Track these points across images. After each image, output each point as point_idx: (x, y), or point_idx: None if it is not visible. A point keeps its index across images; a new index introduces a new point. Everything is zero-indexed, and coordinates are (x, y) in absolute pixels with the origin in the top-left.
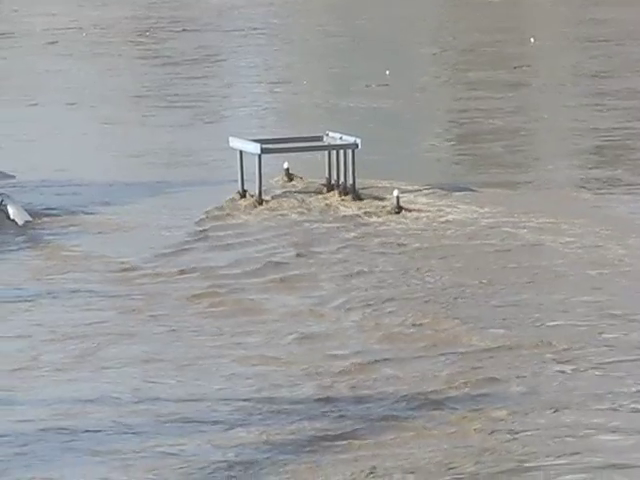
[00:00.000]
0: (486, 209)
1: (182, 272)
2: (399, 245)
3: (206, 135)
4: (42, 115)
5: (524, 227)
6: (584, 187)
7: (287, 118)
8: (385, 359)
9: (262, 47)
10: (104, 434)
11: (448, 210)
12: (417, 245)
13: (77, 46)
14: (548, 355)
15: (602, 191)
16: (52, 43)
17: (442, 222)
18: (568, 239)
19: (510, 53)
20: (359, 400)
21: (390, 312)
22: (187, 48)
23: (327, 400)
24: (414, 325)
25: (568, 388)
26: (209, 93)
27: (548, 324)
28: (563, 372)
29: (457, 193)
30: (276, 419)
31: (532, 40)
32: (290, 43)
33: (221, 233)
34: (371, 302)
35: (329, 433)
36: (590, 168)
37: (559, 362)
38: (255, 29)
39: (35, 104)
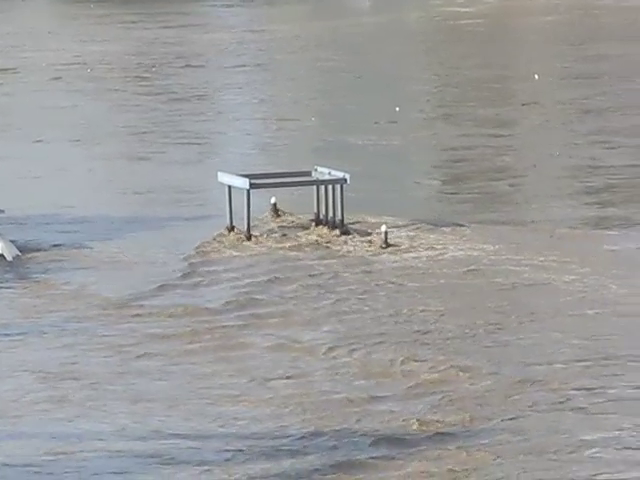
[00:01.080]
0: (488, 247)
1: (168, 309)
2: (389, 282)
3: (207, 171)
4: (47, 152)
5: (526, 265)
6: (592, 225)
7: (291, 154)
8: (371, 397)
9: (266, 83)
10: (87, 474)
11: (446, 247)
12: (408, 282)
13: (82, 82)
14: (537, 395)
15: (611, 230)
16: (56, 79)
17: (438, 259)
18: (571, 277)
19: (515, 89)
20: (343, 438)
21: (377, 351)
22: (191, 84)
23: (311, 437)
24: (402, 364)
25: (556, 431)
26: (213, 129)
27: (541, 365)
28: (551, 413)
29: (458, 230)
30: (260, 459)
31: (536, 76)
32: (295, 79)
33: (208, 269)
34: (359, 341)
35: (314, 473)
36: (599, 206)
37: (548, 404)
38: (258, 65)
39: (40, 140)
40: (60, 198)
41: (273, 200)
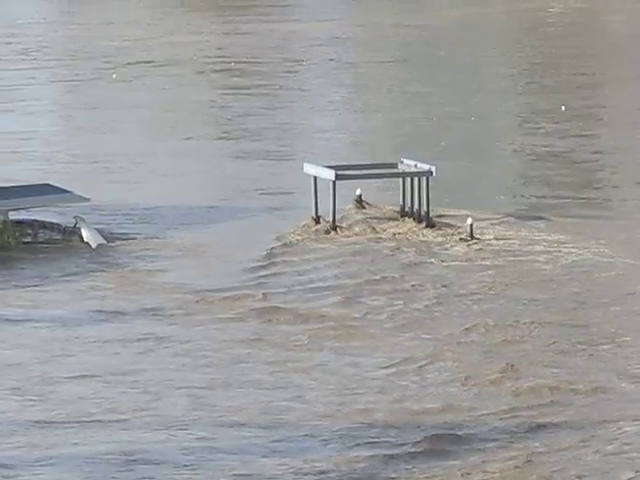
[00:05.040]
0: (591, 246)
1: (249, 311)
2: (477, 281)
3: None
4: (189, 148)
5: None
6: None
7: (444, 153)
8: (458, 406)
9: (417, 80)
10: None
11: (545, 245)
12: (497, 282)
13: (227, 76)
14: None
15: None
16: (201, 73)
17: (529, 256)
18: None
19: None
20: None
21: (467, 359)
22: (342, 82)
23: (403, 437)
24: (493, 373)
25: None
26: (368, 125)
27: None
28: None
29: (555, 227)
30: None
31: None
32: (443, 76)
33: (292, 259)
34: (447, 347)
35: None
36: None
37: None
38: (403, 61)
39: (190, 138)
40: (165, 192)
41: (358, 192)
